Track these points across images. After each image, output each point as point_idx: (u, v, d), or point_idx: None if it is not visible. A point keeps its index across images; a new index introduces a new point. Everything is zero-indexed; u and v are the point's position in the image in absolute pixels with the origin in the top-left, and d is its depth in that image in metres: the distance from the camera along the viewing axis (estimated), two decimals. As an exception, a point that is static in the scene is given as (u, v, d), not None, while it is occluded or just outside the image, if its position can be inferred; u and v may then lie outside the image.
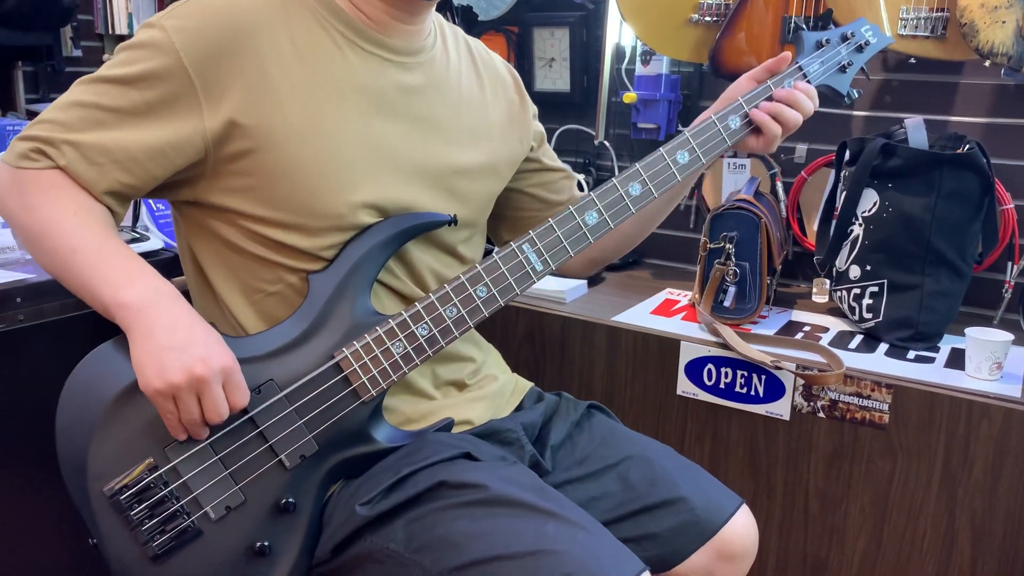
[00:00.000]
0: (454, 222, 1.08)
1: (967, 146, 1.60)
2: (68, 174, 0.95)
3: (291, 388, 0.98)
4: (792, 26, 1.69)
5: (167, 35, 0.94)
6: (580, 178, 2.01)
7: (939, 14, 1.62)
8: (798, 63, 1.22)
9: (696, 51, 1.82)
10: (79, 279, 0.93)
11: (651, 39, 1.84)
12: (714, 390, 1.61)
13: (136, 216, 1.34)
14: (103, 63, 1.03)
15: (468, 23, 2.10)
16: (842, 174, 1.74)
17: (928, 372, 1.49)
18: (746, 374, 1.57)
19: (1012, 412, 1.37)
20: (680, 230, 2.10)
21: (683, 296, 1.87)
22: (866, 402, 1.48)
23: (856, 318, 1.68)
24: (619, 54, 2.05)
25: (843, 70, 1.27)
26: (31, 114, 2.20)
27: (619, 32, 2.02)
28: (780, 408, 1.55)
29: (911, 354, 1.58)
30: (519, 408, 1.22)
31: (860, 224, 1.65)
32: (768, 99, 1.17)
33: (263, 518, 0.97)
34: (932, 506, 1.45)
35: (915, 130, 1.64)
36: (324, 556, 0.99)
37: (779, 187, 1.92)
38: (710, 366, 1.60)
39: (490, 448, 1.08)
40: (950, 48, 1.64)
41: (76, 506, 0.95)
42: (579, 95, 2.12)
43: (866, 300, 1.64)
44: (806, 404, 1.53)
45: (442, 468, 0.98)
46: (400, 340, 1.01)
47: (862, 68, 1.31)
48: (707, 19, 1.77)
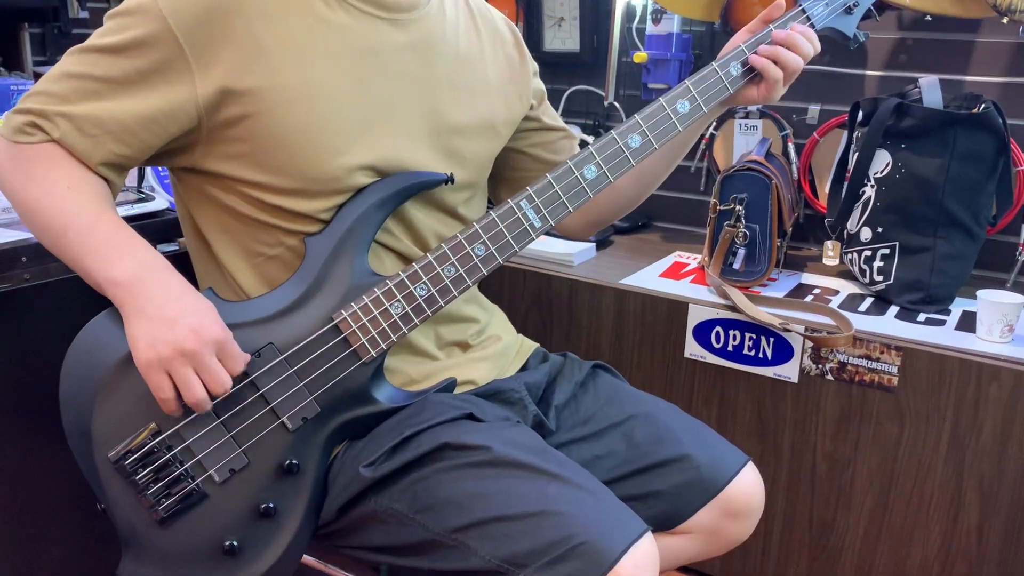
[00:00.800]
0: (451, 181, 1.07)
1: (982, 106, 1.56)
2: (63, 147, 0.95)
3: (291, 351, 0.98)
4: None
5: (154, 1, 0.93)
6: (590, 140, 1.99)
7: (956, -31, 1.58)
8: (801, 6, 1.19)
9: (708, 9, 1.79)
10: (71, 255, 0.93)
11: (664, -2, 1.81)
12: (722, 353, 1.60)
13: (141, 176, 1.34)
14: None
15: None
16: (855, 135, 1.71)
17: (938, 335, 1.47)
18: (754, 336, 1.56)
19: (1023, 375, 1.36)
20: (690, 192, 2.08)
21: (692, 259, 1.86)
22: (875, 364, 1.47)
23: (867, 281, 1.66)
24: (629, 13, 2.02)
25: (849, 11, 1.23)
26: (38, 76, 2.19)
27: (629, -10, 1.99)
28: (788, 371, 1.55)
29: (921, 317, 1.56)
30: (524, 368, 1.22)
31: (872, 186, 1.62)
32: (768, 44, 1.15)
33: (267, 480, 0.97)
34: (940, 469, 1.45)
35: (929, 90, 1.60)
36: (330, 517, 1.00)
37: (791, 148, 1.90)
38: (718, 329, 1.59)
39: (493, 408, 1.08)
40: (967, 5, 1.60)
41: (83, 472, 0.96)
42: (589, 55, 2.09)
43: (877, 263, 1.63)
44: (814, 367, 1.52)
45: (445, 429, 0.98)
46: (399, 301, 1.01)
47: (870, 8, 1.28)
48: (718, -24, 1.73)
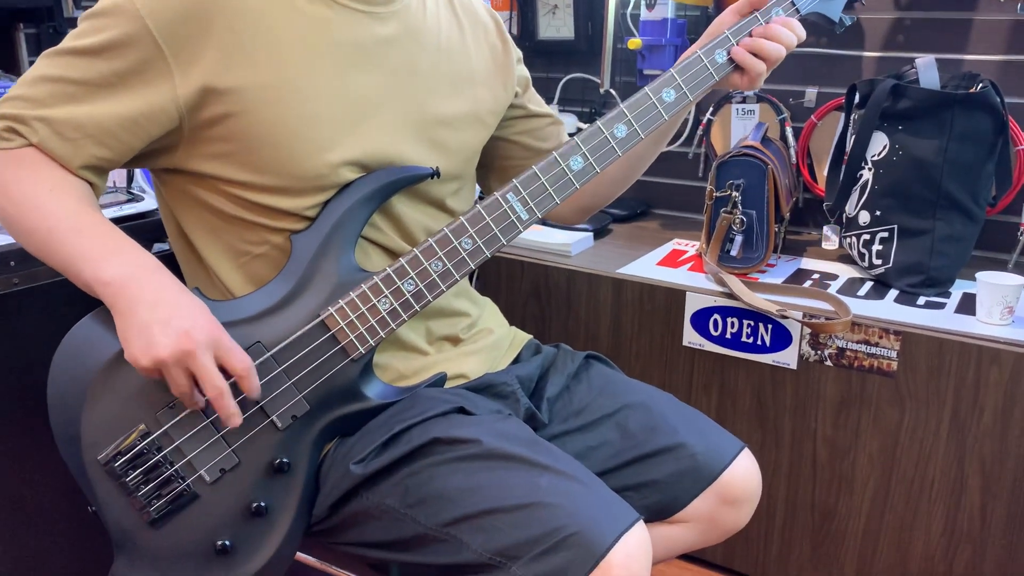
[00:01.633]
0: (436, 175, 1.06)
1: (980, 85, 1.55)
2: (42, 151, 0.94)
3: (278, 349, 0.97)
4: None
5: (131, 0, 0.92)
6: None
7: (951, -53, 1.56)
8: None
9: (701, -7, 1.77)
10: (59, 258, 0.92)
11: (654, -18, 1.79)
12: (720, 340, 1.59)
13: (131, 177, 1.33)
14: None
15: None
16: (852, 117, 1.70)
17: (938, 318, 1.46)
18: (752, 324, 1.55)
19: (1023, 357, 1.34)
20: (688, 179, 2.07)
21: (691, 246, 1.85)
22: (874, 349, 1.46)
23: (866, 265, 1.65)
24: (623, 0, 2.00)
25: None
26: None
27: (623, -23, 1.97)
28: (787, 357, 1.54)
29: (921, 300, 1.55)
30: (516, 361, 1.22)
31: (870, 169, 1.61)
32: (749, 35, 1.13)
33: (258, 479, 0.97)
34: (941, 453, 1.44)
35: (926, 70, 1.59)
36: (322, 514, 1.00)
37: (788, 132, 1.88)
38: (716, 316, 1.58)
39: (484, 401, 1.07)
40: (963, -18, 1.58)
41: (73, 475, 0.96)
42: (584, 42, 2.08)
43: (876, 246, 1.61)
44: (813, 353, 1.51)
45: (435, 423, 0.98)
46: (386, 296, 1.01)
47: None
48: (711, -40, 1.72)
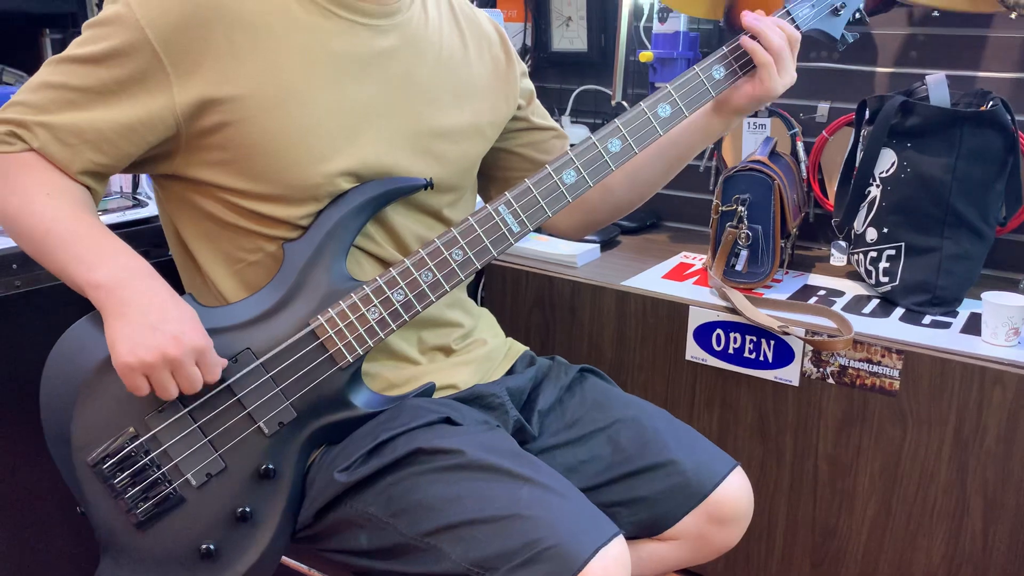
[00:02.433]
0: (429, 186, 1.07)
1: (991, 103, 1.53)
2: (42, 156, 0.96)
3: (267, 356, 0.99)
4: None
5: (131, 10, 0.93)
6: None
7: (963, -37, 1.55)
8: (787, 7, 1.18)
9: (711, 7, 1.77)
10: (54, 260, 0.94)
11: (666, -5, 1.79)
12: (723, 355, 1.58)
13: (136, 183, 1.36)
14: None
15: (485, -19, 2.08)
16: (862, 133, 1.69)
17: (942, 338, 1.45)
18: (755, 339, 1.54)
19: (1025, 379, 1.33)
20: (699, 192, 2.06)
21: (698, 260, 1.84)
22: (876, 368, 1.44)
23: (873, 282, 1.63)
24: (637, 11, 2.01)
25: (836, 13, 1.22)
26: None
27: (637, -11, 1.98)
28: (789, 374, 1.53)
29: (927, 319, 1.53)
30: (511, 372, 1.22)
31: (877, 185, 1.60)
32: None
33: (245, 484, 0.98)
34: (943, 474, 1.42)
35: (936, 87, 1.57)
36: (307, 521, 1.01)
37: (799, 147, 1.87)
38: (719, 331, 1.58)
39: (472, 412, 1.08)
40: (975, 0, 1.57)
41: (63, 475, 0.97)
42: (597, 54, 2.08)
43: (882, 263, 1.60)
44: (815, 370, 1.50)
45: (420, 433, 0.99)
46: (375, 306, 1.02)
47: (858, 10, 1.26)
48: (722, -26, 1.71)
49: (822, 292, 1.66)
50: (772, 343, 1.53)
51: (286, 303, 1.01)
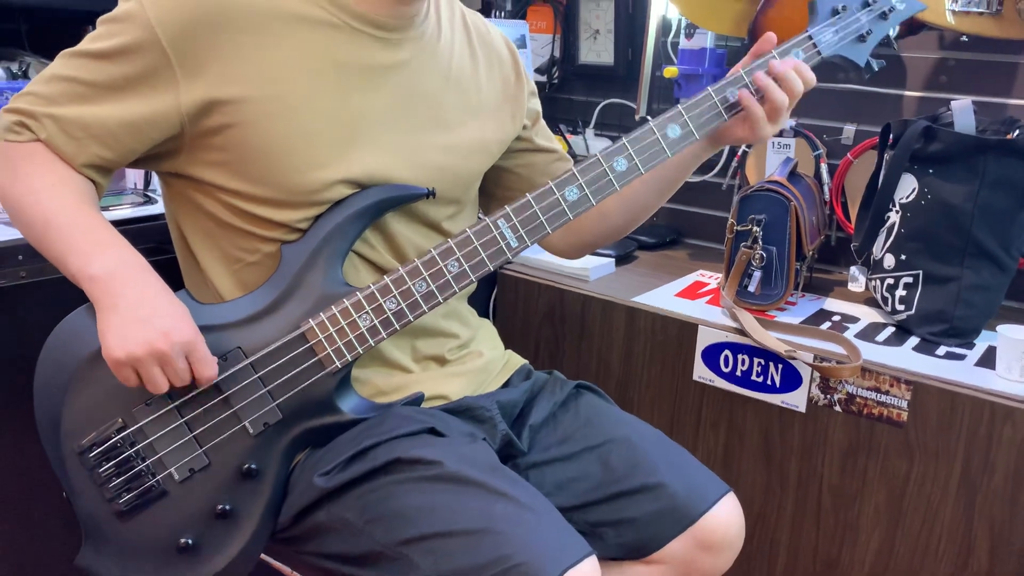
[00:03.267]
0: (431, 195, 1.07)
1: (1017, 131, 1.49)
2: (49, 147, 0.98)
3: (257, 356, 0.99)
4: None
5: (142, 8, 0.95)
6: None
7: (994, -11, 1.51)
8: (808, 32, 1.16)
9: (737, 25, 1.75)
10: (53, 251, 0.96)
11: (692, 11, 1.78)
12: (731, 377, 1.56)
13: (148, 180, 1.38)
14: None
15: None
16: (885, 157, 1.66)
17: (955, 370, 1.41)
18: (763, 362, 1.52)
19: (1037, 417, 1.29)
20: (721, 210, 2.04)
21: (713, 279, 1.83)
22: (884, 398, 1.41)
23: (889, 309, 1.60)
24: (665, 26, 2.00)
25: (862, 39, 1.20)
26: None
27: (666, 3, 1.96)
28: (796, 399, 1.50)
29: (941, 350, 1.50)
30: (507, 385, 1.22)
31: (897, 211, 1.57)
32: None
33: (227, 482, 0.99)
34: (949, 510, 1.39)
35: (962, 113, 1.54)
36: (286, 523, 1.01)
37: (823, 169, 1.84)
38: (727, 352, 1.56)
39: (458, 424, 1.07)
40: (1006, 26, 1.53)
41: (51, 461, 0.99)
42: (623, 68, 2.07)
43: (899, 291, 1.57)
44: (823, 396, 1.47)
45: (401, 443, 0.99)
46: (367, 313, 1.02)
47: (888, 36, 1.23)
48: (749, -9, 1.70)
49: (837, 317, 1.63)
50: (780, 367, 1.51)
51: (279, 304, 1.02)
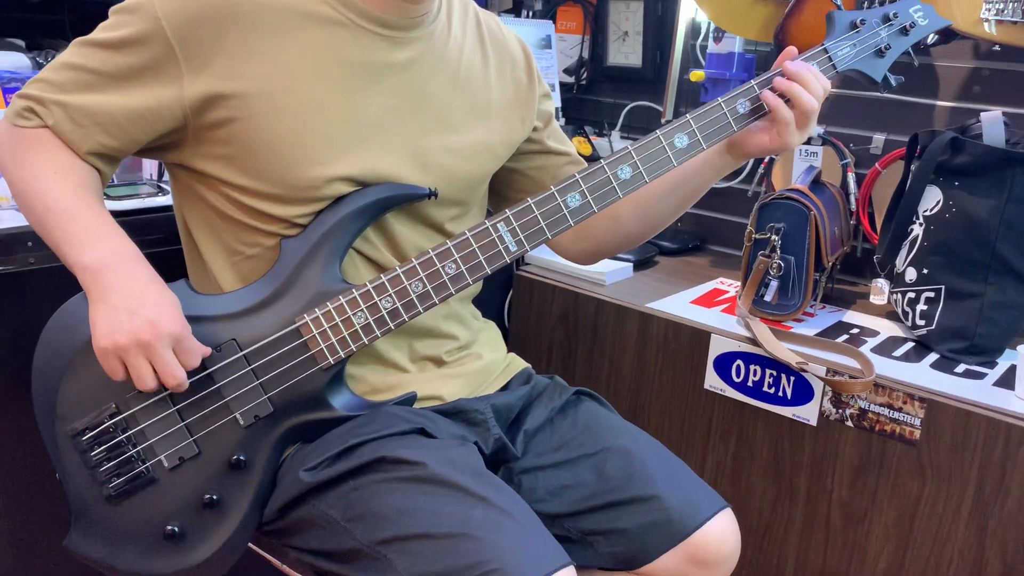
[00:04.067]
0: (433, 195, 1.07)
1: (1048, 145, 1.45)
2: (56, 133, 1.00)
3: (250, 349, 1.00)
4: (864, 4, 1.58)
5: (151, 1, 0.96)
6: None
7: (1029, -2, 1.47)
8: (824, 46, 1.13)
9: (765, 29, 1.72)
10: (50, 237, 0.97)
11: (719, 15, 1.75)
12: (742, 387, 1.54)
13: (162, 171, 1.40)
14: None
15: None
16: (911, 168, 1.62)
17: (972, 389, 1.37)
18: (775, 373, 1.50)
19: (1053, 441, 1.25)
20: (746, 217, 2.00)
21: (732, 287, 1.80)
22: (897, 415, 1.38)
23: (909, 324, 1.56)
24: (694, 30, 1.97)
25: (880, 54, 1.17)
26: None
27: (695, 6, 1.94)
28: (807, 412, 1.47)
29: (960, 368, 1.46)
30: (506, 388, 1.21)
31: (920, 224, 1.53)
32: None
33: (216, 472, 1.00)
34: (961, 533, 1.35)
35: (991, 125, 1.49)
36: (272, 515, 1.02)
37: (850, 178, 1.81)
38: (739, 362, 1.53)
39: (450, 426, 1.07)
40: (1040, 36, 1.49)
41: (45, 443, 1.01)
42: (651, 71, 2.05)
43: (920, 306, 1.53)
44: (834, 411, 1.44)
45: (388, 442, 0.99)
46: (362, 311, 1.02)
47: (908, 52, 1.20)
48: (778, -4, 1.67)
49: (855, 330, 1.60)
50: (792, 379, 1.48)
51: (276, 298, 1.02)
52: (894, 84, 1.18)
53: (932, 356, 1.50)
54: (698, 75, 1.87)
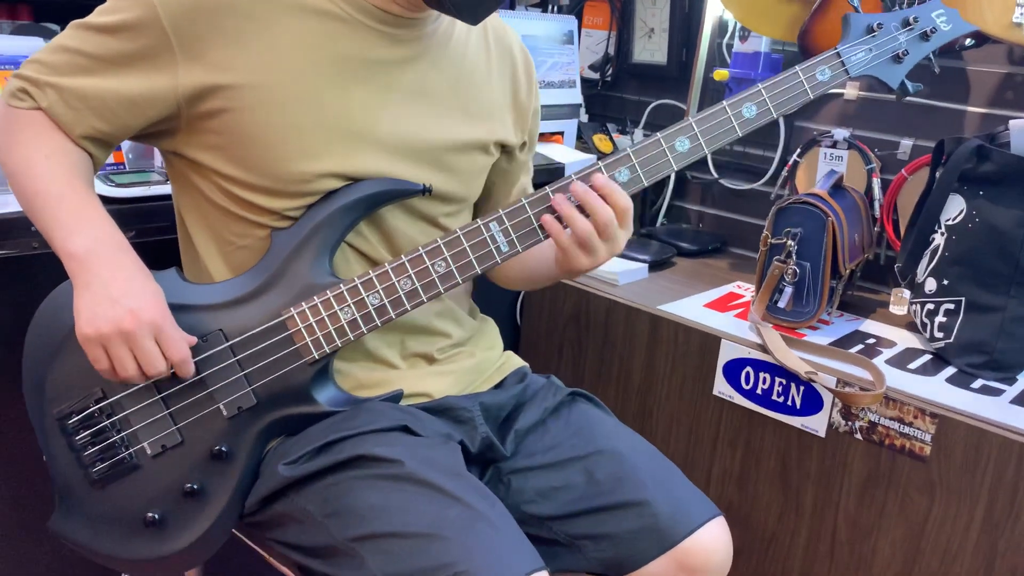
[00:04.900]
0: (427, 192, 1.06)
1: (1078, 155, 1.39)
2: (49, 116, 1.00)
3: (236, 340, 1.00)
4: (893, 5, 1.53)
5: None
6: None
7: (1064, 1, 1.41)
8: (836, 49, 1.09)
9: (791, 29, 1.68)
10: (39, 221, 0.97)
11: (743, 14, 1.71)
12: (751, 395, 1.51)
13: (169, 160, 1.40)
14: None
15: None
16: (937, 175, 1.57)
17: (987, 406, 1.33)
18: (784, 382, 1.46)
19: (1066, 464, 1.20)
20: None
21: (748, 291, 1.76)
22: (907, 429, 1.34)
23: (927, 336, 1.52)
24: (721, 27, 1.93)
25: (898, 60, 1.12)
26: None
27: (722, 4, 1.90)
28: (816, 423, 1.44)
29: (977, 383, 1.41)
30: (499, 386, 1.20)
31: (942, 233, 1.48)
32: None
33: (198, 461, 1.00)
34: (969, 553, 1.30)
35: (1020, 134, 1.44)
36: (252, 508, 1.02)
37: (875, 184, 1.76)
38: (749, 369, 1.50)
39: (435, 424, 1.06)
40: (1075, 41, 1.43)
41: (32, 424, 1.02)
42: (676, 69, 2.02)
43: (939, 317, 1.48)
44: (844, 422, 1.41)
45: (369, 438, 0.98)
46: (349, 306, 1.01)
47: (929, 57, 1.15)
48: (804, -6, 1.63)
49: (871, 340, 1.56)
50: (801, 388, 1.44)
51: (264, 290, 1.02)
52: (912, 91, 1.14)
53: (949, 370, 1.45)
54: (722, 74, 1.83)
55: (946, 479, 1.31)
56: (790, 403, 1.46)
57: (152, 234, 1.28)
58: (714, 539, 1.08)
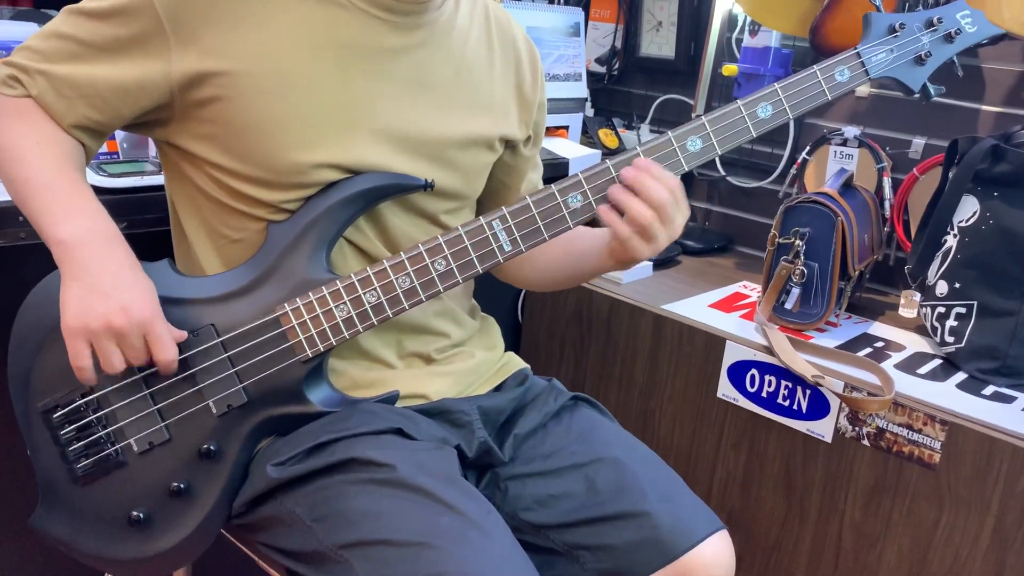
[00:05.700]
0: (429, 187, 1.02)
1: (1097, 157, 1.35)
2: (39, 104, 0.97)
3: (228, 336, 0.97)
4: (906, 6, 1.49)
5: None
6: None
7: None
8: (856, 49, 1.05)
9: (802, 24, 1.64)
10: (28, 209, 0.94)
11: (753, 7, 1.68)
12: (756, 398, 1.48)
13: (165, 149, 1.37)
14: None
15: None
16: (950, 175, 1.53)
17: (999, 413, 1.29)
18: (790, 385, 1.43)
19: (1080, 475, 1.17)
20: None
21: (755, 292, 1.73)
22: (916, 436, 1.31)
23: (937, 340, 1.48)
24: (731, 21, 1.90)
25: (920, 61, 1.07)
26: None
27: (732, -2, 1.87)
28: (822, 428, 1.41)
29: (989, 389, 1.38)
30: (499, 389, 1.16)
31: (955, 235, 1.44)
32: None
33: (185, 459, 0.97)
34: (978, 565, 1.27)
35: (1037, 133, 1.41)
36: (240, 509, 0.99)
37: (886, 184, 1.72)
38: (754, 371, 1.47)
39: (431, 427, 1.03)
40: (1096, 40, 1.39)
41: (16, 417, 0.99)
42: (684, 63, 1.98)
43: (950, 321, 1.45)
44: (850, 428, 1.37)
45: (361, 441, 0.94)
46: (345, 303, 0.98)
47: (952, 60, 1.11)
48: (816, -11, 1.59)
49: (880, 344, 1.52)
50: (808, 392, 1.41)
51: (258, 285, 0.99)
52: (934, 95, 1.09)
53: (960, 375, 1.42)
54: (731, 69, 1.80)
55: (955, 488, 1.28)
56: (796, 407, 1.43)
57: (145, 225, 1.25)
58: (716, 554, 1.04)
